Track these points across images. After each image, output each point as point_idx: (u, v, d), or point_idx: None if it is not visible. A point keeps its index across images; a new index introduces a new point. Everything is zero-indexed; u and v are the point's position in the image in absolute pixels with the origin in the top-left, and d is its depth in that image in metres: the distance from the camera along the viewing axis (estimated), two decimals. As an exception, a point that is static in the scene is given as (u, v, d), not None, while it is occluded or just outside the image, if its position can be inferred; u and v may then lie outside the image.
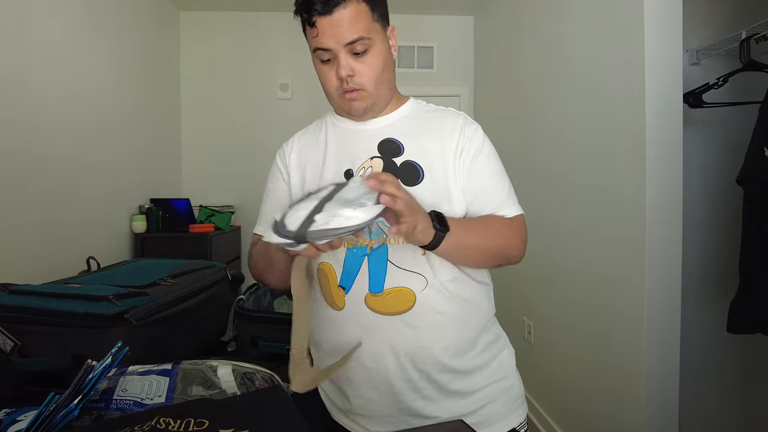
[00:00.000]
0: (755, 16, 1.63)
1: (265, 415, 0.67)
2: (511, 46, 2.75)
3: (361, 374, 0.82)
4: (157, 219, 2.70)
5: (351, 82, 0.79)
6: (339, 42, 0.76)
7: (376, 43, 0.80)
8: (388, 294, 0.79)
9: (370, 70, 0.80)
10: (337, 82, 0.80)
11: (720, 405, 1.87)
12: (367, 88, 0.81)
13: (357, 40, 0.77)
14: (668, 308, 1.56)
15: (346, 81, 0.79)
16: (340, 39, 0.76)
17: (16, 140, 1.69)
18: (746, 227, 1.45)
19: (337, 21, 0.75)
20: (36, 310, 0.97)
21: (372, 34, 0.79)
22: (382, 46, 0.81)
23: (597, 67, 1.83)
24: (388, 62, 0.83)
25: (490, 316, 0.91)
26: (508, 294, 2.70)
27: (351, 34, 0.76)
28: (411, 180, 0.81)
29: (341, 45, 0.77)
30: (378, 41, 0.80)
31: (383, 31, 0.82)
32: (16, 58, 1.70)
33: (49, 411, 0.61)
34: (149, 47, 2.88)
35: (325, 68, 0.81)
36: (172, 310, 1.12)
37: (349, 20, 0.76)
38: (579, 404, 2.01)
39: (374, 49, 0.80)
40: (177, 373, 0.79)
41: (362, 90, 0.81)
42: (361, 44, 0.77)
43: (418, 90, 3.21)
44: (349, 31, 0.76)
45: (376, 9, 0.80)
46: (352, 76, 0.79)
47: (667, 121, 1.53)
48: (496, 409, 0.86)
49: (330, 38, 0.76)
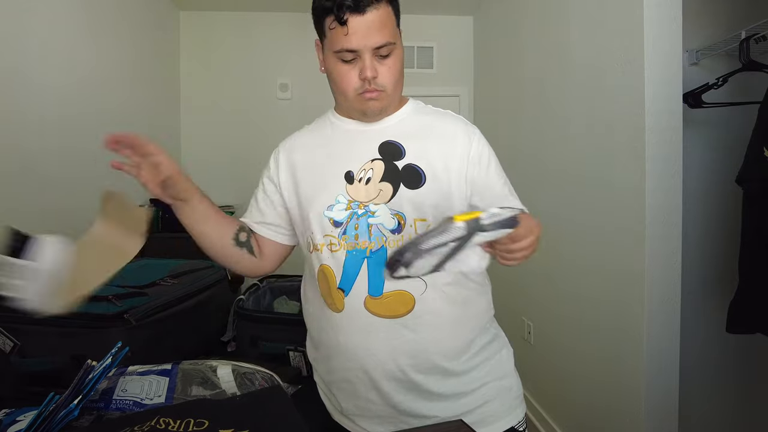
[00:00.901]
0: (755, 16, 1.63)
1: (264, 415, 0.67)
2: (511, 46, 2.75)
3: (359, 376, 0.83)
4: (156, 219, 2.69)
5: (373, 84, 0.80)
6: (368, 45, 0.77)
7: (397, 47, 0.81)
8: (387, 297, 0.79)
9: (391, 73, 0.81)
10: (358, 82, 0.80)
11: (719, 405, 1.87)
12: (387, 90, 0.82)
13: (385, 44, 0.78)
14: (668, 308, 1.57)
15: (369, 82, 0.79)
16: (370, 42, 0.77)
17: (14, 140, 1.69)
18: (746, 227, 1.45)
19: (369, 22, 0.76)
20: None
21: (395, 39, 0.80)
22: (400, 50, 0.83)
23: (597, 67, 1.83)
24: (403, 66, 0.85)
25: (488, 317, 0.91)
26: (508, 294, 2.70)
27: (381, 38, 0.77)
28: (413, 183, 0.82)
29: (369, 48, 0.77)
30: (398, 45, 0.82)
31: (400, 35, 0.84)
32: (16, 57, 1.70)
33: (49, 411, 0.61)
34: (149, 47, 2.87)
35: (345, 68, 0.80)
36: (172, 310, 1.12)
37: (380, 23, 0.77)
38: (579, 404, 2.01)
39: (396, 53, 0.81)
40: (177, 373, 0.79)
41: (382, 91, 0.81)
42: (387, 48, 0.79)
43: (418, 90, 3.20)
44: (379, 34, 0.77)
45: (397, 14, 0.82)
46: (375, 77, 0.80)
47: (666, 121, 1.53)
48: (494, 408, 0.86)
49: (360, 39, 0.76)
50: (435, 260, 0.65)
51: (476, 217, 0.62)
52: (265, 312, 1.36)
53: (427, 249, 0.62)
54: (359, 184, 0.83)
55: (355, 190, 0.83)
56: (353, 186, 0.83)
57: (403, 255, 0.62)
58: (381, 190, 0.82)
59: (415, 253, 0.62)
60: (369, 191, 0.82)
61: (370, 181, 0.82)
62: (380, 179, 0.82)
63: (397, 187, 0.81)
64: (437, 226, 0.63)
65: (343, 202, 0.82)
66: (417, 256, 0.62)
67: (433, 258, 0.64)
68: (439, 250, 0.63)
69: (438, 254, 0.64)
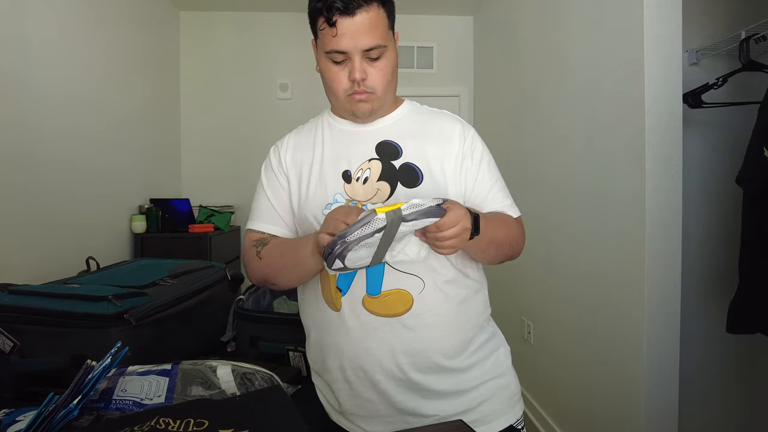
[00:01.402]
0: (755, 16, 1.63)
1: (264, 415, 0.67)
2: (511, 46, 2.75)
3: (358, 375, 0.83)
4: (156, 219, 2.69)
5: (362, 85, 0.80)
6: (357, 46, 0.77)
7: (389, 50, 0.81)
8: (385, 296, 0.79)
9: (381, 75, 0.81)
10: (347, 83, 0.81)
11: (719, 405, 1.87)
12: (377, 92, 0.82)
13: (374, 47, 0.78)
14: (668, 308, 1.57)
15: (358, 83, 0.80)
16: (359, 44, 0.77)
17: (15, 140, 1.69)
18: (746, 227, 1.45)
19: (358, 24, 0.76)
20: (35, 310, 0.97)
21: (387, 41, 0.80)
22: (392, 52, 0.83)
23: (596, 67, 1.83)
24: (396, 68, 0.85)
25: (486, 315, 0.92)
26: (508, 294, 2.70)
27: (370, 41, 0.77)
28: (411, 182, 0.82)
29: (358, 50, 0.78)
30: (390, 48, 0.82)
31: (393, 37, 0.84)
32: (16, 57, 1.70)
33: (49, 411, 0.61)
34: (149, 47, 2.88)
35: (335, 69, 0.81)
36: (172, 310, 1.11)
37: (369, 25, 0.77)
38: (578, 404, 2.01)
39: (387, 55, 0.81)
40: (176, 373, 0.79)
41: (372, 93, 0.82)
42: (377, 51, 0.79)
43: (418, 90, 3.22)
44: (368, 36, 0.77)
45: (391, 16, 0.82)
46: (365, 79, 0.80)
47: (666, 122, 1.53)
48: (492, 406, 0.86)
49: (349, 41, 0.77)
50: (370, 252, 0.67)
51: (397, 207, 0.64)
52: (265, 312, 1.36)
53: (353, 241, 0.64)
54: (357, 183, 0.83)
55: (352, 190, 0.83)
56: (351, 185, 0.83)
57: (333, 248, 0.65)
58: (379, 190, 0.82)
59: (343, 245, 0.64)
60: (367, 190, 0.82)
61: (367, 180, 0.83)
62: (378, 178, 0.83)
63: (394, 186, 0.82)
64: (361, 218, 0.65)
65: (341, 202, 0.83)
66: (345, 249, 0.64)
67: (367, 250, 0.66)
68: (368, 241, 0.65)
69: (369, 245, 0.66)
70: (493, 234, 0.81)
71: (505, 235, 0.84)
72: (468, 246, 0.75)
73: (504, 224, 0.85)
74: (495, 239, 0.82)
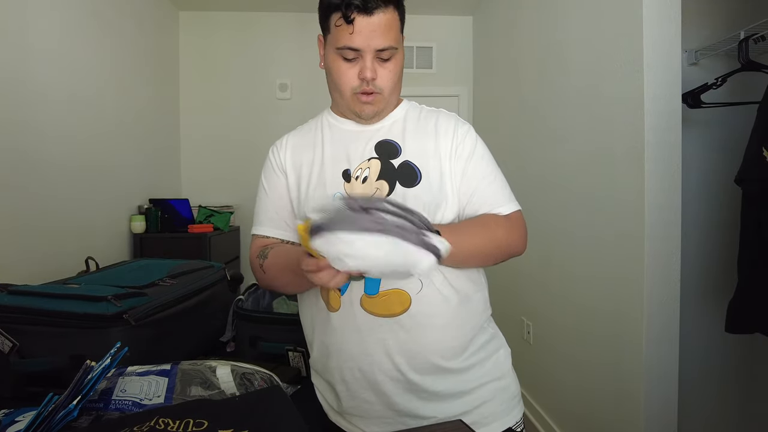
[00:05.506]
0: (754, 16, 1.63)
1: (264, 415, 0.67)
2: (510, 47, 2.75)
3: (356, 375, 0.82)
4: (156, 219, 2.69)
5: (371, 85, 0.81)
6: (371, 46, 0.78)
7: (399, 52, 0.83)
8: (383, 296, 0.79)
9: (390, 77, 0.82)
10: (356, 81, 0.81)
11: (719, 404, 1.87)
12: (384, 93, 0.83)
13: (387, 48, 0.79)
14: (667, 308, 1.57)
15: (368, 82, 0.80)
16: (373, 43, 0.78)
17: (15, 140, 1.69)
18: (745, 227, 1.45)
19: (375, 24, 0.77)
20: (35, 310, 0.97)
21: (398, 44, 0.81)
22: (401, 55, 0.84)
23: (596, 67, 1.84)
24: (402, 71, 0.86)
25: (486, 316, 0.91)
26: (508, 294, 2.70)
27: (384, 42, 0.78)
28: (409, 181, 0.82)
29: (372, 49, 0.78)
30: (400, 50, 0.83)
31: (402, 41, 0.85)
32: (16, 58, 1.70)
33: (48, 411, 0.61)
34: (149, 47, 2.88)
35: (345, 66, 0.81)
36: (171, 310, 1.11)
37: (385, 26, 0.78)
38: (578, 404, 2.02)
39: (397, 57, 0.82)
40: (176, 373, 0.79)
41: (379, 94, 0.83)
42: (388, 52, 0.80)
43: (417, 90, 3.22)
44: (383, 37, 0.78)
45: (402, 20, 0.83)
46: (374, 79, 0.81)
47: (665, 122, 1.53)
48: (492, 408, 0.86)
49: (364, 40, 0.77)
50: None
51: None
52: (265, 312, 1.36)
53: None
54: (356, 182, 0.83)
55: (352, 189, 0.83)
56: (350, 184, 0.83)
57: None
58: (378, 189, 0.82)
59: None
60: (366, 189, 0.82)
61: (367, 179, 0.83)
62: (377, 177, 0.83)
63: (393, 185, 0.82)
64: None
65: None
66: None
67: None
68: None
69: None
70: (470, 246, 0.79)
71: (486, 242, 0.81)
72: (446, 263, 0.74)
73: (484, 230, 0.82)
74: (474, 251, 0.80)
